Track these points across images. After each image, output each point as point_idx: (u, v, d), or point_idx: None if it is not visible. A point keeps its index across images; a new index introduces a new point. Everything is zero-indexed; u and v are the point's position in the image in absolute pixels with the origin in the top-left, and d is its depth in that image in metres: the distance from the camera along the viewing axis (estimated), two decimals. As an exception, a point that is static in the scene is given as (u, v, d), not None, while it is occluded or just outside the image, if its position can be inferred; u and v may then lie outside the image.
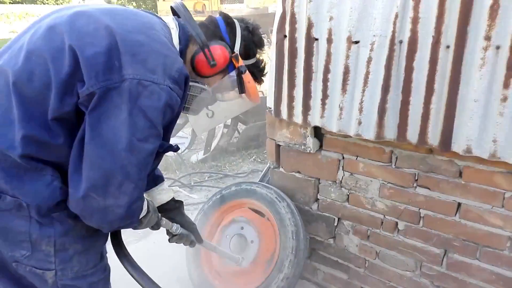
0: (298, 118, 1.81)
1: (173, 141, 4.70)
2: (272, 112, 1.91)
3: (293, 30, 1.69)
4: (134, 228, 1.21)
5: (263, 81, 1.37)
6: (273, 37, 1.78)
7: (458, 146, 1.45)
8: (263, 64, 1.35)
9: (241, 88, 1.28)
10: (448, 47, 1.38)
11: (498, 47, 1.30)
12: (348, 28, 1.55)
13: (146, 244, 2.51)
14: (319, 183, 1.94)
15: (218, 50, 1.21)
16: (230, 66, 1.25)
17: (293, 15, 1.67)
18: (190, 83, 1.20)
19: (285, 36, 1.73)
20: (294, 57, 1.72)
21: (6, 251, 1.06)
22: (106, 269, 1.24)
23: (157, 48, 1.04)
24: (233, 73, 1.27)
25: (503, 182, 1.47)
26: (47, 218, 1.05)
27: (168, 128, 1.13)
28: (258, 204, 2.00)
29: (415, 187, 1.66)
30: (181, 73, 1.05)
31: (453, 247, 1.63)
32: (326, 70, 1.65)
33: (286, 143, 1.97)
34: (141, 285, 1.20)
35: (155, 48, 1.03)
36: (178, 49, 1.18)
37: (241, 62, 1.26)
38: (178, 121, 3.98)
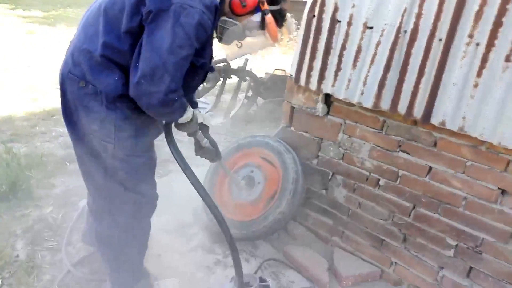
0: (313, 85, 2.21)
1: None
2: (293, 78, 2.30)
3: (321, 11, 2.09)
4: (178, 128, 1.67)
5: (283, 26, 1.77)
6: (304, 16, 2.17)
7: (436, 119, 1.84)
8: (285, 12, 1.74)
9: (262, 26, 1.68)
10: (440, 39, 1.77)
11: (477, 44, 1.69)
12: (366, 15, 1.94)
13: (168, 180, 2.91)
14: (322, 143, 2.34)
15: None
16: (257, 8, 1.66)
17: (323, -1, 2.06)
18: (226, 19, 1.65)
19: (314, 15, 2.12)
20: (318, 34, 2.12)
21: (86, 124, 1.52)
22: (152, 159, 1.70)
23: None
24: (259, 14, 1.67)
25: (467, 153, 1.87)
26: (113, 104, 1.51)
27: (204, 47, 1.55)
28: (268, 153, 2.40)
29: (398, 151, 2.06)
30: (212, 2, 1.50)
31: (420, 202, 2.04)
32: (343, 48, 2.05)
33: (300, 106, 2.37)
34: (177, 161, 1.64)
35: None
36: None
37: (266, 7, 1.66)
38: (205, 85, 4.36)
